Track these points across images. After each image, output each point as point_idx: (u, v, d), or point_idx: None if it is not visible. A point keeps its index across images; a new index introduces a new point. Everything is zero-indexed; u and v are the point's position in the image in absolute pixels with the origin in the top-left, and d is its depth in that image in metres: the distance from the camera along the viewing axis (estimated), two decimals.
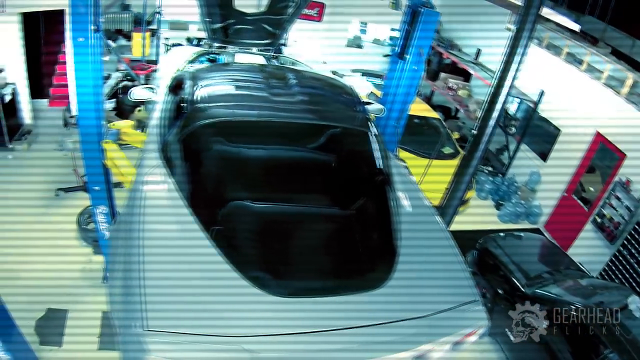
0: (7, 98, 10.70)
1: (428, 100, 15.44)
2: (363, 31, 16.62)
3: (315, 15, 14.42)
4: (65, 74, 12.01)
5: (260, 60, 8.10)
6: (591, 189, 10.98)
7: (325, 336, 3.65)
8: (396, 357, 3.74)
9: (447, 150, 10.71)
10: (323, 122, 5.33)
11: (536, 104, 11.87)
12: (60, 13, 11.35)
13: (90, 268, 7.41)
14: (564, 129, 11.36)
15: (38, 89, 12.09)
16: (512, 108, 12.80)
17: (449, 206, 7.01)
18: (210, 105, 5.06)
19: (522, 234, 9.59)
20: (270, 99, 5.32)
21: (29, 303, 6.43)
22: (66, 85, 11.98)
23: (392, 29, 16.11)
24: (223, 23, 8.16)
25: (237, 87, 5.68)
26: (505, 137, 12.69)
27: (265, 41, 8.64)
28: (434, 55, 14.97)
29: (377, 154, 5.18)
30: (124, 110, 11.02)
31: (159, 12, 12.72)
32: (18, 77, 11.13)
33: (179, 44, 12.87)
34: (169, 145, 4.83)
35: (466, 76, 14.73)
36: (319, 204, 5.07)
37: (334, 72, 11.51)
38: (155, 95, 6.33)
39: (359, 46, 16.66)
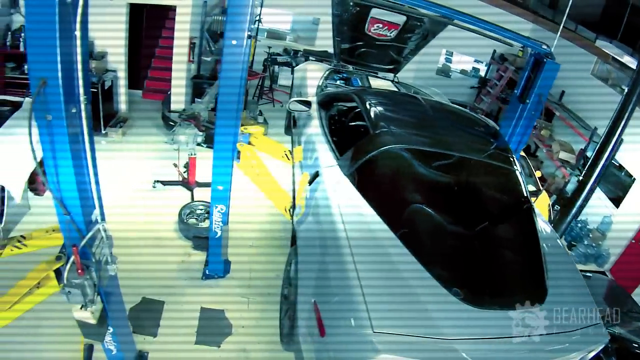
0: (107, 84, 10.58)
1: None
2: (448, 60, 16.29)
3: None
4: (162, 68, 11.92)
5: (388, 84, 8.61)
6: None
7: (510, 342, 3.97)
8: None
9: (530, 187, 10.33)
10: (485, 160, 5.63)
11: (614, 151, 11.38)
12: (164, 8, 11.26)
13: (188, 263, 7.13)
14: (638, 178, 10.90)
15: (133, 80, 11.97)
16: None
17: None
18: (392, 130, 5.52)
19: (589, 274, 9.25)
20: (438, 130, 5.90)
21: (123, 290, 6.15)
22: (161, 79, 11.88)
23: (476, 61, 15.86)
24: (352, 44, 8.50)
25: (408, 115, 6.21)
26: None
27: (388, 67, 9.16)
28: None
29: (523, 186, 5.51)
30: None
31: (259, 20, 12.45)
32: (118, 65, 11.02)
33: (278, 54, 12.82)
34: (350, 159, 5.23)
35: (547, 116, 14.25)
36: (478, 222, 5.09)
37: None
38: (309, 110, 6.78)
39: (447, 75, 16.38)
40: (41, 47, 2.97)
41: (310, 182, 5.57)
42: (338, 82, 8.61)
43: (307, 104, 6.87)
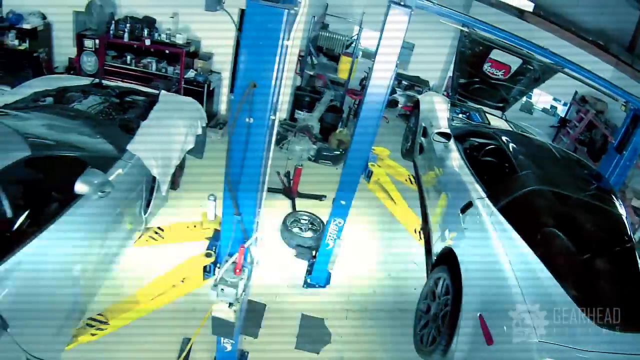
0: (213, 85, 10.64)
1: None
2: (529, 96, 15.84)
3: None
4: None
5: (503, 123, 9.05)
6: None
7: None
8: None
9: None
10: (599, 203, 5.92)
11: None
12: None
13: (290, 270, 7.06)
14: None
15: (233, 83, 11.93)
16: None
17: None
18: (535, 172, 6.07)
19: None
20: (565, 173, 6.56)
21: None
22: None
23: (554, 99, 15.56)
24: (468, 80, 8.77)
25: (541, 158, 6.77)
26: None
27: (498, 104, 9.42)
28: (600, 136, 14.00)
29: (628, 227, 5.72)
30: (325, 127, 10.55)
31: (357, 39, 12.23)
32: (224, 67, 11.17)
33: None
34: (500, 194, 5.77)
35: None
36: (593, 253, 5.35)
37: None
38: (448, 142, 7.13)
39: (530, 112, 16.03)
40: (256, 48, 3.02)
41: (463, 211, 5.87)
42: (460, 116, 8.93)
43: (447, 136, 7.18)
